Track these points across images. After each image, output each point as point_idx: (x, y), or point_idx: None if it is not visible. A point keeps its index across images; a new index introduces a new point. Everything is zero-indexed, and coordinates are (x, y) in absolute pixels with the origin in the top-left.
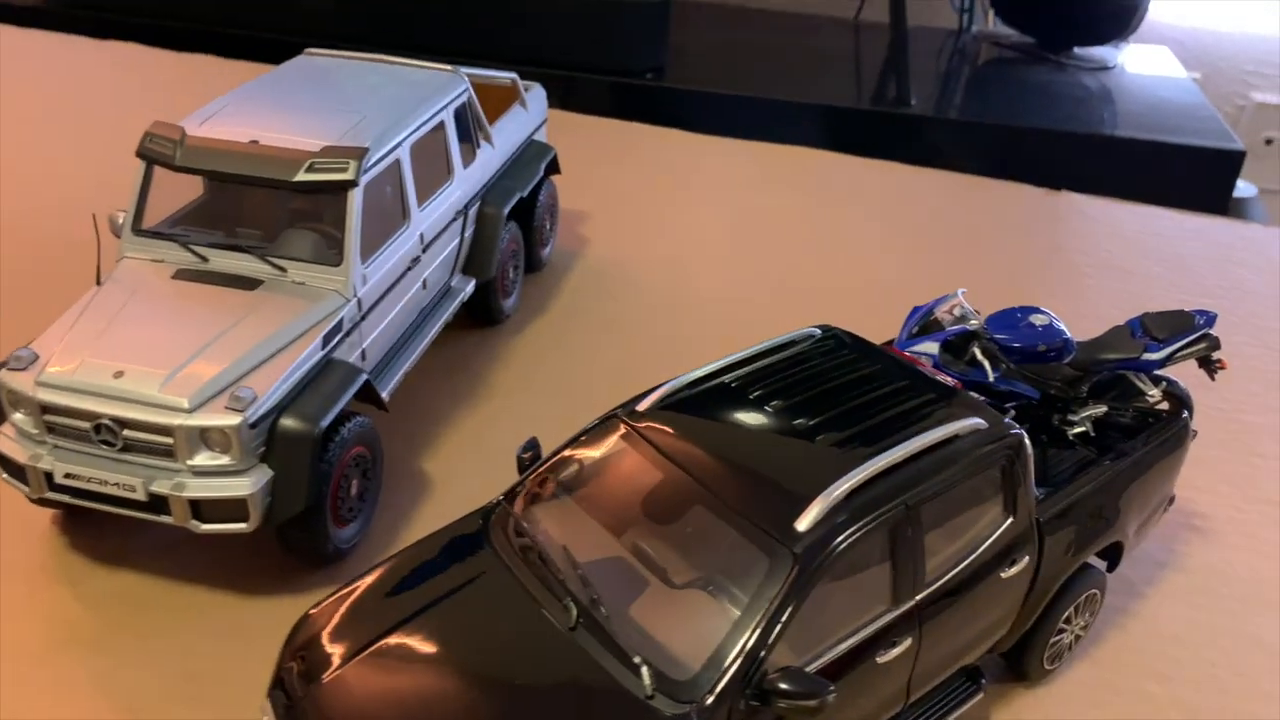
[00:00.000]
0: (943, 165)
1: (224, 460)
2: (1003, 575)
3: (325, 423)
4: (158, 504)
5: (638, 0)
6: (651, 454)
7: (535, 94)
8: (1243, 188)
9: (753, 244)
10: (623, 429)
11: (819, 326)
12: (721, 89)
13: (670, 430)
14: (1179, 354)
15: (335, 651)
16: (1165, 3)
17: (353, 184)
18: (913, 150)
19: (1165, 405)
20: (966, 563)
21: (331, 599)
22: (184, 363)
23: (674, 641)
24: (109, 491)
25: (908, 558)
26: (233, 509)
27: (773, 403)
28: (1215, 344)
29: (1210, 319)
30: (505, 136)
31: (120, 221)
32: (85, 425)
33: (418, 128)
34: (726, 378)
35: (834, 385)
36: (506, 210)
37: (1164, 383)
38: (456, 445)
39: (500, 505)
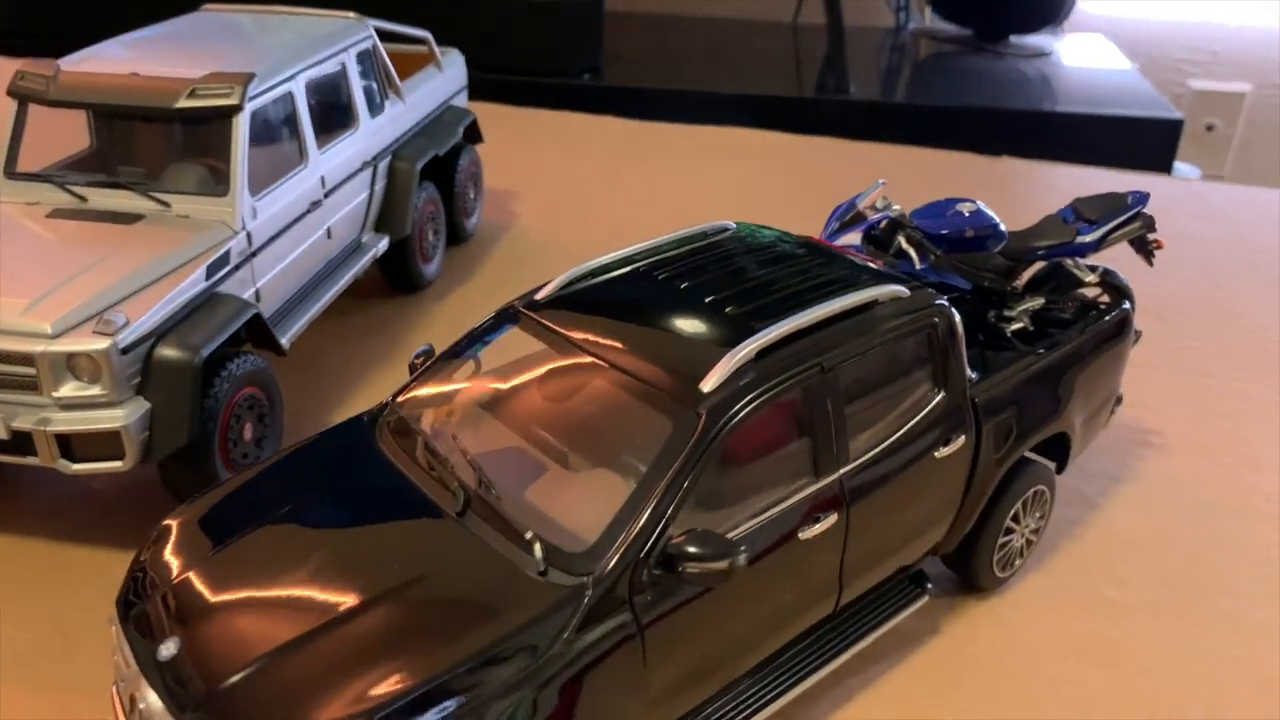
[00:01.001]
0: (887, 141)
1: (94, 391)
2: (937, 455)
3: (207, 352)
4: (21, 442)
5: (570, 2)
6: (549, 338)
7: (453, 59)
8: (1186, 171)
9: (693, 215)
10: (519, 319)
11: (735, 222)
12: (659, 84)
13: (570, 315)
14: (1113, 235)
15: (193, 551)
16: None
17: (237, 109)
18: (854, 132)
19: (1105, 297)
20: (895, 438)
21: (195, 502)
22: (49, 291)
23: (571, 517)
24: None
25: (827, 426)
26: (106, 444)
27: (680, 283)
28: (1150, 223)
29: (1142, 198)
30: (418, 96)
31: None
32: None
33: (313, 64)
34: (632, 265)
35: (746, 264)
36: (419, 166)
37: (1102, 270)
38: (370, 404)
39: (388, 405)
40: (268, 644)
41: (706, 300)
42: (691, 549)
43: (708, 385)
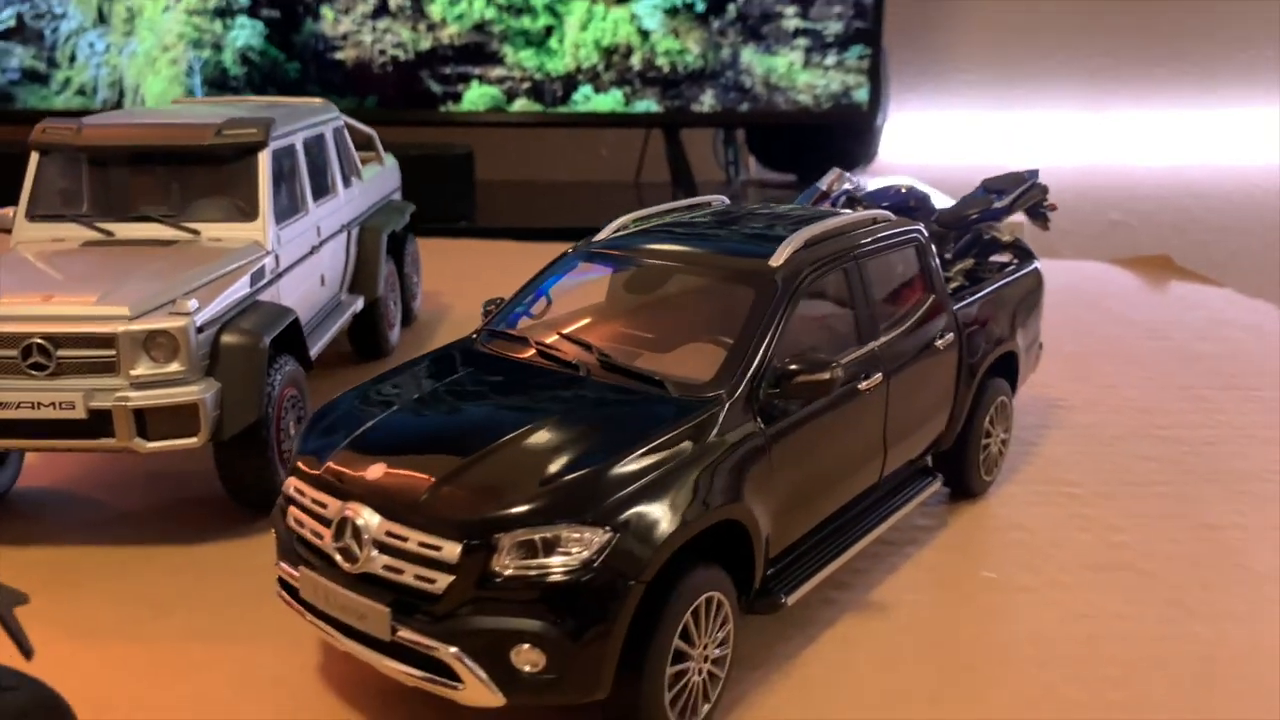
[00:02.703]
0: None
1: (171, 368)
2: (938, 345)
3: (269, 338)
4: (98, 424)
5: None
6: (621, 260)
7: (390, 161)
8: None
9: None
10: (586, 254)
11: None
12: (524, 224)
13: (634, 245)
14: (1019, 201)
15: (365, 413)
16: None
17: (262, 144)
18: None
19: (1016, 260)
20: (908, 325)
21: (322, 408)
22: (115, 288)
23: (685, 371)
24: (42, 416)
25: (861, 304)
26: (182, 420)
27: (719, 221)
28: (1044, 190)
29: (1035, 173)
30: (371, 181)
31: (12, 215)
32: (11, 354)
33: (306, 127)
34: (672, 217)
35: (762, 212)
36: (385, 234)
37: (1014, 239)
38: None
39: (478, 335)
40: (459, 459)
41: (745, 229)
42: (796, 366)
43: (776, 262)
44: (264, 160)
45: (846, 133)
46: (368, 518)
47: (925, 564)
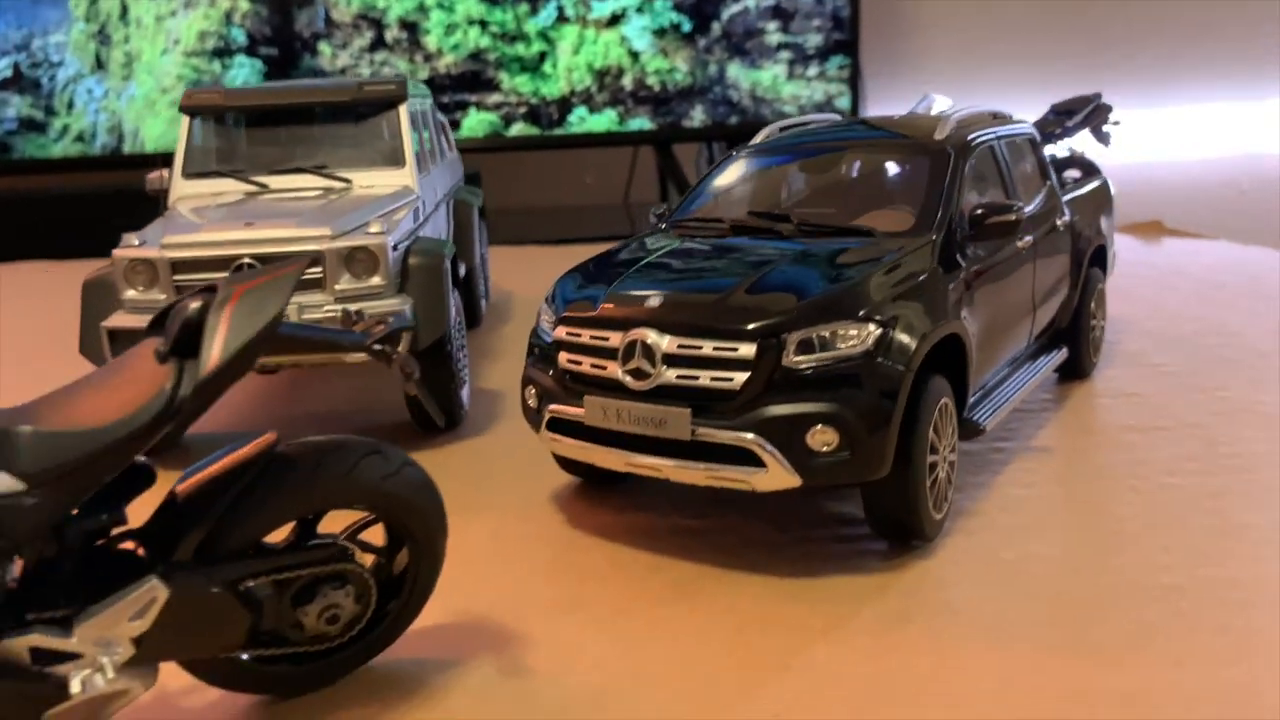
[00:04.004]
0: None
1: (372, 282)
2: (1058, 224)
3: (449, 255)
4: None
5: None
6: (789, 148)
7: (456, 152)
8: None
9: None
10: (752, 151)
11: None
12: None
13: (800, 139)
14: (1088, 119)
15: (600, 284)
16: None
17: (402, 98)
18: None
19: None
20: (1037, 201)
21: (561, 278)
22: (308, 216)
23: (885, 225)
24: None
25: (1007, 177)
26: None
27: (860, 122)
28: (1109, 110)
29: (1099, 95)
30: (450, 164)
31: (163, 177)
32: (223, 276)
33: (417, 97)
34: (810, 126)
35: (892, 118)
36: (476, 207)
37: (1080, 155)
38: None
39: (663, 221)
40: (728, 288)
41: (890, 125)
42: (983, 210)
43: (940, 135)
44: (405, 112)
45: None
46: (656, 338)
47: (1065, 420)
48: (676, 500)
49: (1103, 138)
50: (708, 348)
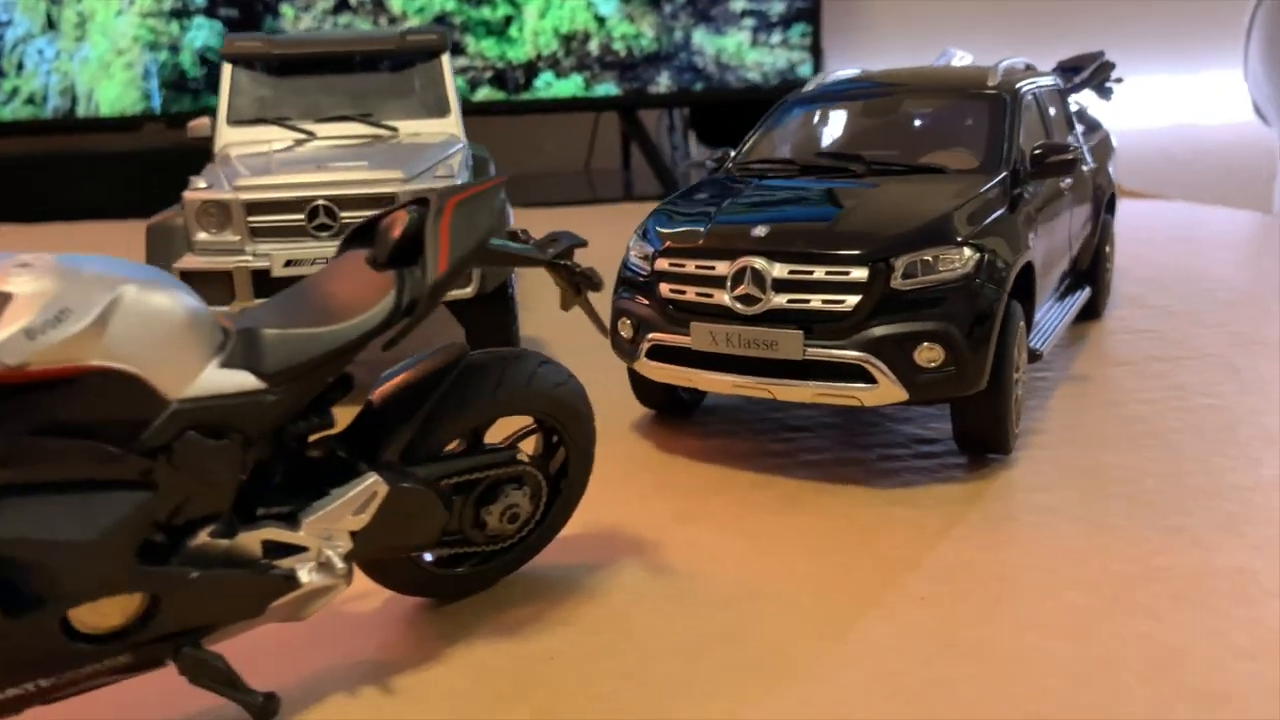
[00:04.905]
0: None
1: None
2: (1084, 169)
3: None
4: None
5: None
6: (843, 94)
7: None
8: None
9: None
10: (808, 99)
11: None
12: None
13: (856, 86)
14: (1093, 76)
15: (698, 218)
16: None
17: (444, 47)
18: None
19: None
20: (1071, 146)
21: (653, 213)
22: (376, 159)
23: (954, 163)
24: None
25: (1048, 122)
26: None
27: (907, 72)
28: (1112, 66)
29: (1102, 52)
30: None
31: (206, 124)
32: (299, 217)
33: None
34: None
35: (926, 70)
36: (491, 161)
37: (1082, 110)
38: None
39: (725, 167)
40: (830, 217)
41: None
42: (1040, 150)
43: (993, 82)
44: (447, 61)
45: None
46: (765, 265)
47: (1093, 353)
48: (755, 428)
49: (1105, 93)
50: (819, 272)
